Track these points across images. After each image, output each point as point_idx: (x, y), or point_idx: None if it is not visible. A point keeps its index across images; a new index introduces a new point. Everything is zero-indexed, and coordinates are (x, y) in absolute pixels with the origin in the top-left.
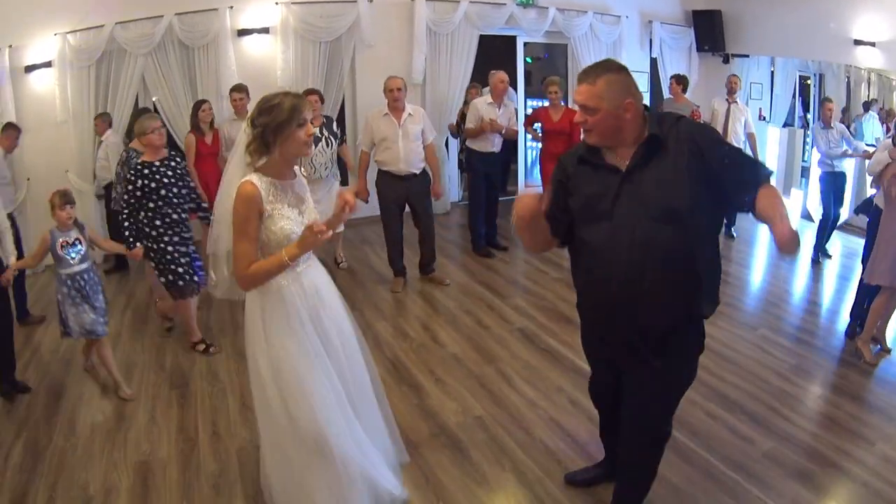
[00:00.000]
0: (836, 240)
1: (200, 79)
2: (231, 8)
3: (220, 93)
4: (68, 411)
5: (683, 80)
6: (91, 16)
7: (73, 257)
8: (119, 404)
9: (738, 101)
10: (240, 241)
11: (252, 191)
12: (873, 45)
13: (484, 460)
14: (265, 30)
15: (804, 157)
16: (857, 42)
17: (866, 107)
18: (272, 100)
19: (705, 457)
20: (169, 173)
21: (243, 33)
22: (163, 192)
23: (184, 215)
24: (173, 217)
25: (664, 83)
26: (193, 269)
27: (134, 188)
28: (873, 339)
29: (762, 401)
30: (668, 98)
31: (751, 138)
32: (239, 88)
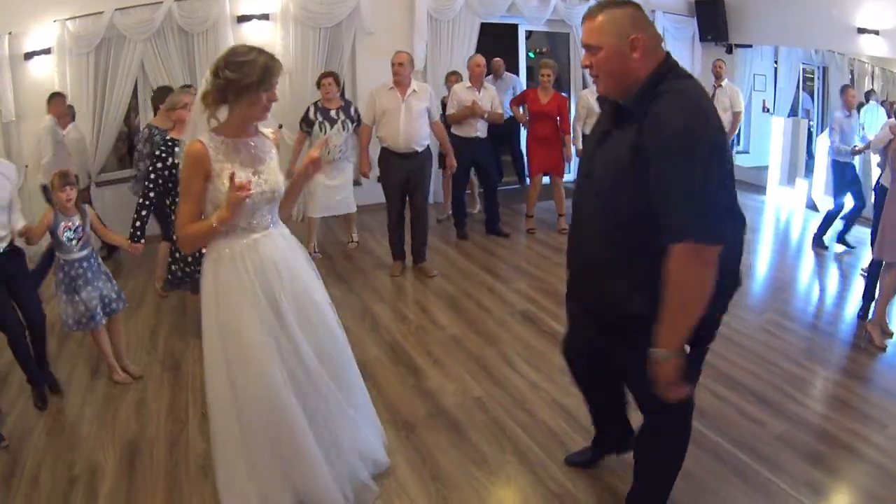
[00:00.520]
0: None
1: (200, 65)
2: None
3: None
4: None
5: None
6: (90, 2)
7: (75, 244)
8: (109, 385)
9: (725, 84)
10: (182, 201)
11: (199, 149)
12: (877, 33)
13: (483, 441)
14: (265, 16)
15: (809, 147)
16: (861, 30)
17: (867, 97)
18: (244, 55)
19: (714, 439)
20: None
21: (243, 19)
22: None
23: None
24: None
25: None
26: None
27: (164, 166)
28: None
29: (772, 383)
30: None
31: (735, 117)
32: None
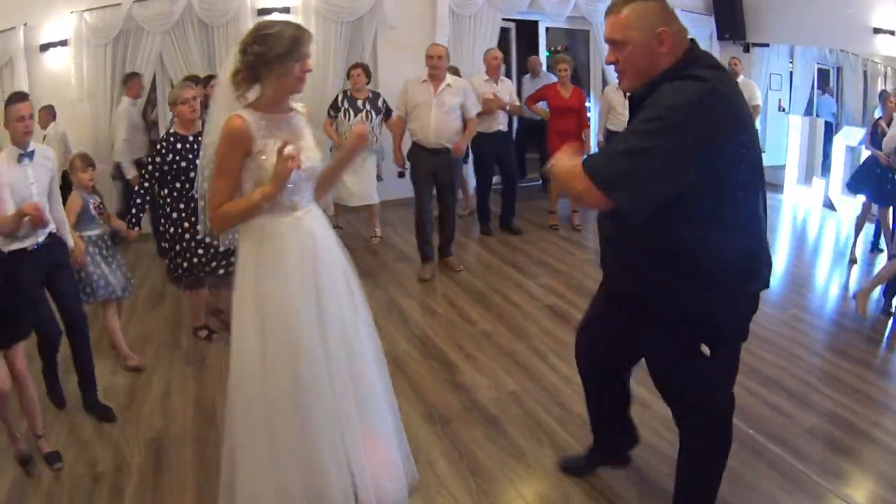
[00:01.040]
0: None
1: (220, 58)
2: None
3: None
4: (76, 387)
5: None
6: None
7: (100, 220)
8: (132, 379)
9: (741, 80)
10: (217, 178)
11: (239, 124)
12: (892, 33)
13: (520, 435)
14: (286, 9)
15: (826, 147)
16: (877, 30)
17: (882, 97)
18: (270, 27)
19: (748, 432)
20: (198, 152)
21: (264, 12)
22: (192, 175)
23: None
24: (201, 204)
25: None
26: (210, 262)
27: (162, 161)
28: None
29: (800, 378)
30: None
31: (754, 109)
32: None
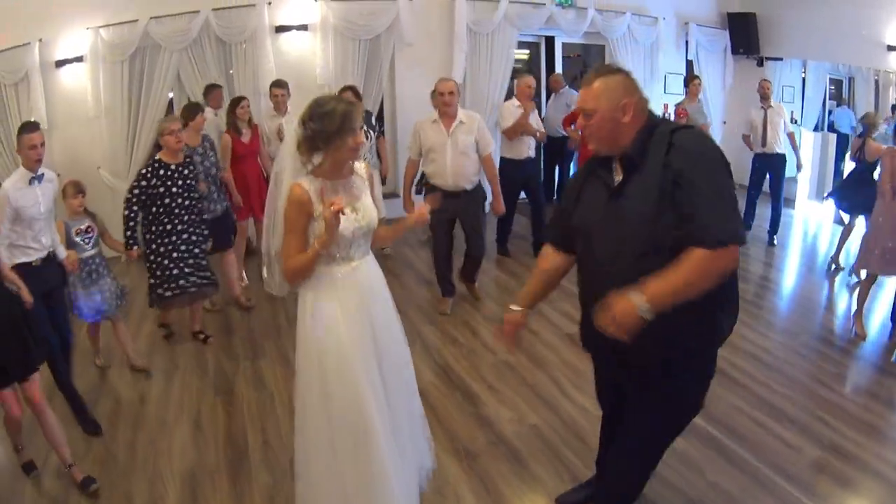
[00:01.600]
0: None
1: (238, 75)
2: (269, 4)
3: (258, 90)
4: (106, 416)
5: (696, 78)
6: (125, 10)
7: (87, 243)
8: (160, 410)
9: (773, 103)
10: (287, 235)
11: (300, 194)
12: None
13: (543, 471)
14: (304, 27)
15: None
16: (891, 48)
17: (894, 109)
18: (325, 105)
19: (755, 464)
20: (179, 182)
21: (281, 30)
22: (167, 201)
23: (180, 227)
24: (167, 227)
25: None
26: (179, 282)
27: (148, 185)
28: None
29: (807, 409)
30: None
31: (790, 137)
32: (279, 84)
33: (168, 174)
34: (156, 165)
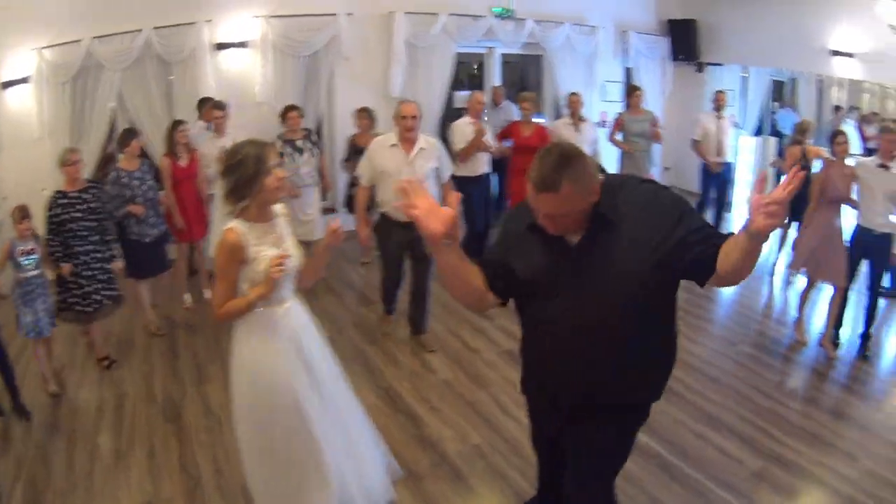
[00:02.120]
0: None
1: (178, 94)
2: (209, 22)
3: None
4: (63, 447)
5: (636, 90)
6: (68, 30)
7: (29, 264)
8: (116, 439)
9: (725, 115)
10: (219, 282)
11: (234, 240)
12: (851, 55)
13: (487, 490)
14: (243, 44)
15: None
16: (835, 52)
17: (836, 110)
18: (236, 155)
19: (696, 477)
20: (79, 206)
21: (222, 47)
22: (69, 226)
23: (88, 247)
24: (76, 249)
25: None
26: (86, 300)
27: (52, 213)
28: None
29: (748, 420)
30: (624, 112)
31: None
32: (219, 106)
33: (68, 202)
34: (56, 196)
